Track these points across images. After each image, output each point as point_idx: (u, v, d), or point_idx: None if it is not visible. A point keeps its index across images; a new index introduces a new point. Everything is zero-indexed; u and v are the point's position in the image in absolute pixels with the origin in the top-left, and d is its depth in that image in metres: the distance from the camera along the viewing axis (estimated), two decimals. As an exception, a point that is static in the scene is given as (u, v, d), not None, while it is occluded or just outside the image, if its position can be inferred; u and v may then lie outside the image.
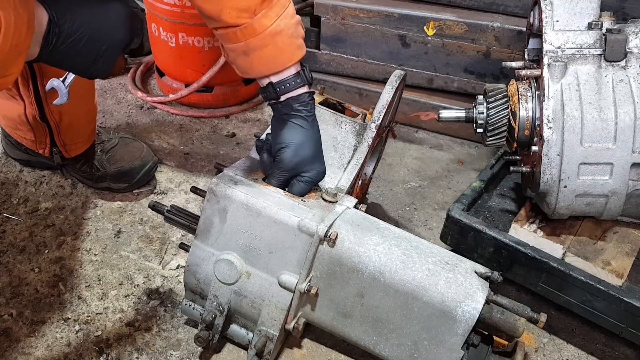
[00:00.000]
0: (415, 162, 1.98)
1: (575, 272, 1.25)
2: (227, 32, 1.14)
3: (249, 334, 1.25)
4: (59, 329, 1.33)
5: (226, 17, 1.11)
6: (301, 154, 1.20)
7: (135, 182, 1.70)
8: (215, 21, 1.13)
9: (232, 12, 1.10)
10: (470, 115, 1.38)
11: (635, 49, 1.22)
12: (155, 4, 1.96)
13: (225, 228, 1.18)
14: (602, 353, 1.39)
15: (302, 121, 1.20)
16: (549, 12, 1.27)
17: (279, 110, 1.21)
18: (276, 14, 1.13)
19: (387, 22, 1.96)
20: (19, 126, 1.60)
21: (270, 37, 1.13)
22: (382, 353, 1.18)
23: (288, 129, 1.20)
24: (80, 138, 1.64)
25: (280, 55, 1.16)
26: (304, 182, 1.22)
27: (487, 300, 1.10)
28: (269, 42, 1.13)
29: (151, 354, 1.29)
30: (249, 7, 1.10)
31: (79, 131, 1.64)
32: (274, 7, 1.12)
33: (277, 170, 1.21)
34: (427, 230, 1.70)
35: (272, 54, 1.15)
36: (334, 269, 1.15)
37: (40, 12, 0.89)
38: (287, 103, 1.19)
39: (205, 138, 2.01)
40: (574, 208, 1.29)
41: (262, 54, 1.15)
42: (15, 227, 1.57)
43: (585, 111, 1.21)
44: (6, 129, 1.67)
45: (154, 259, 1.52)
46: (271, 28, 1.12)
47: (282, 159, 1.20)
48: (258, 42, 1.13)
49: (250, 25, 1.11)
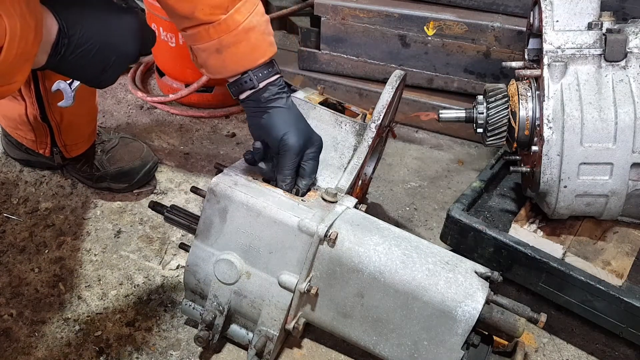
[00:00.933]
0: (415, 162, 1.98)
1: (575, 272, 1.25)
2: (199, 30, 1.13)
3: (249, 334, 1.25)
4: (59, 329, 1.33)
5: (199, 14, 1.11)
6: (303, 132, 1.19)
7: (135, 182, 1.70)
8: (188, 19, 1.13)
9: (205, 8, 1.10)
10: (470, 115, 1.38)
11: (635, 49, 1.22)
12: (155, 4, 1.95)
13: (225, 228, 1.18)
14: (602, 353, 1.39)
15: (284, 102, 1.19)
16: (549, 12, 1.27)
17: (258, 100, 1.19)
18: (248, 11, 1.13)
19: (387, 22, 1.96)
20: (20, 126, 1.60)
21: (243, 34, 1.13)
22: (382, 353, 1.18)
23: (277, 116, 1.18)
24: (80, 138, 1.64)
25: (254, 52, 1.16)
26: (312, 159, 1.21)
27: (487, 300, 1.11)
28: (242, 39, 1.13)
29: (151, 354, 1.29)
30: (221, 4, 1.11)
31: (79, 131, 1.64)
32: (246, 4, 1.13)
33: (287, 159, 1.18)
34: (427, 230, 1.70)
35: (245, 50, 1.15)
36: (334, 269, 1.15)
37: (49, 21, 0.88)
38: (265, 88, 1.18)
39: (205, 138, 2.01)
40: (574, 208, 1.29)
41: (235, 51, 1.14)
42: (15, 227, 1.57)
43: (585, 111, 1.21)
44: (6, 128, 1.67)
45: (154, 259, 1.52)
46: (244, 24, 1.13)
47: (289, 145, 1.17)
48: (231, 39, 1.13)
49: (223, 22, 1.12)
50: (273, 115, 1.19)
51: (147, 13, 2.05)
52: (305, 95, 1.41)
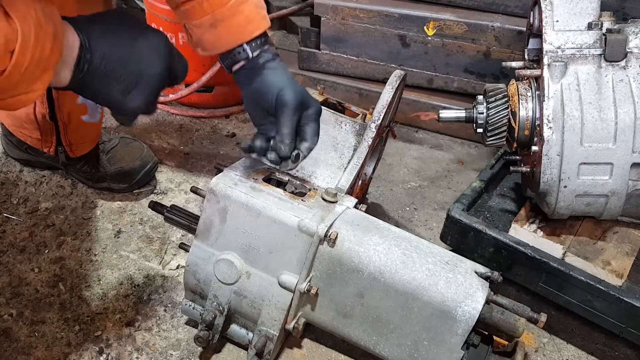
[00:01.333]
0: (415, 162, 1.98)
1: (575, 272, 1.25)
2: (193, 5, 1.13)
3: (249, 334, 1.25)
4: (59, 329, 1.33)
5: None
6: (299, 90, 1.17)
7: (135, 183, 1.70)
8: None
9: None
10: (470, 115, 1.38)
11: (635, 49, 1.22)
12: (155, 4, 1.96)
13: (225, 228, 1.18)
14: (602, 353, 1.39)
15: (279, 62, 1.19)
16: (549, 12, 1.27)
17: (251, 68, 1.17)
18: None
19: (387, 22, 1.96)
20: (26, 125, 1.60)
21: (236, 6, 1.13)
22: (382, 353, 1.18)
23: (271, 74, 1.17)
24: (86, 138, 1.64)
25: (248, 25, 1.15)
26: (313, 120, 1.17)
27: (487, 300, 1.10)
28: (236, 12, 1.14)
29: (151, 354, 1.29)
30: None
31: (86, 132, 1.63)
32: None
33: (285, 117, 1.13)
34: (427, 230, 1.70)
35: (240, 23, 1.15)
36: (334, 269, 1.15)
37: (71, 36, 0.86)
38: (259, 55, 1.17)
39: (205, 138, 2.01)
40: (574, 208, 1.29)
41: (230, 24, 1.14)
42: (15, 227, 1.57)
43: (585, 111, 1.21)
44: (10, 127, 1.67)
45: (154, 259, 1.52)
46: None
47: (286, 100, 1.13)
48: (225, 12, 1.13)
49: None
50: (267, 75, 1.16)
51: (147, 13, 2.05)
52: (305, 95, 1.41)
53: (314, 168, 1.31)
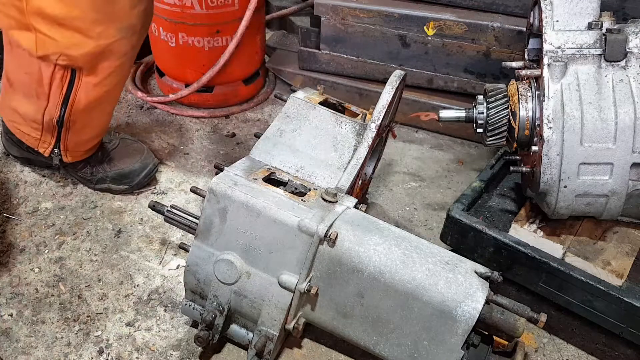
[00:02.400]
0: (415, 162, 1.98)
1: (575, 272, 1.25)
2: None
3: (249, 334, 1.25)
4: (59, 329, 1.33)
5: None
6: None
7: (135, 184, 1.70)
8: None
9: None
10: (470, 115, 1.38)
11: (635, 49, 1.22)
12: (156, 4, 1.95)
13: (225, 228, 1.18)
14: (602, 353, 1.38)
15: None
16: (549, 12, 1.27)
17: None
18: None
19: (387, 22, 1.96)
20: (28, 123, 1.59)
21: None
22: (382, 353, 1.18)
23: None
24: (84, 147, 1.64)
25: None
26: None
27: (487, 300, 1.11)
28: None
29: (151, 354, 1.29)
30: None
31: (85, 141, 1.63)
32: None
33: None
34: (427, 230, 1.70)
35: None
36: (334, 269, 1.15)
37: None
38: None
39: (205, 138, 2.01)
40: (574, 208, 1.29)
41: None
42: (15, 227, 1.57)
43: (585, 111, 1.21)
44: (9, 123, 1.65)
45: (154, 259, 1.52)
46: None
47: None
48: None
49: None
50: None
51: (147, 13, 2.05)
52: (305, 95, 1.41)
53: (314, 168, 1.31)
